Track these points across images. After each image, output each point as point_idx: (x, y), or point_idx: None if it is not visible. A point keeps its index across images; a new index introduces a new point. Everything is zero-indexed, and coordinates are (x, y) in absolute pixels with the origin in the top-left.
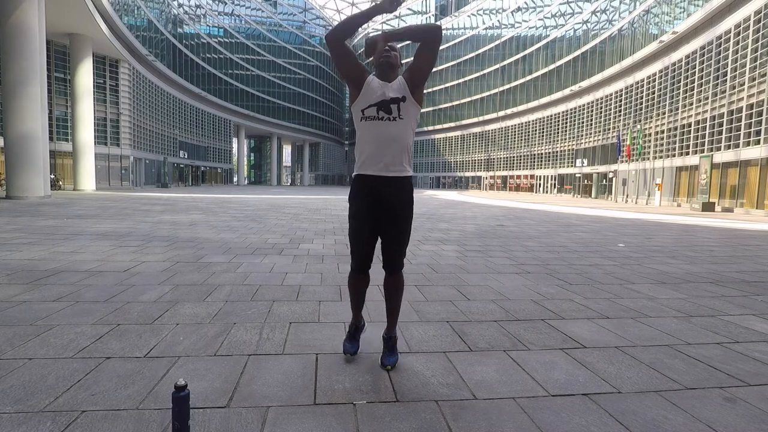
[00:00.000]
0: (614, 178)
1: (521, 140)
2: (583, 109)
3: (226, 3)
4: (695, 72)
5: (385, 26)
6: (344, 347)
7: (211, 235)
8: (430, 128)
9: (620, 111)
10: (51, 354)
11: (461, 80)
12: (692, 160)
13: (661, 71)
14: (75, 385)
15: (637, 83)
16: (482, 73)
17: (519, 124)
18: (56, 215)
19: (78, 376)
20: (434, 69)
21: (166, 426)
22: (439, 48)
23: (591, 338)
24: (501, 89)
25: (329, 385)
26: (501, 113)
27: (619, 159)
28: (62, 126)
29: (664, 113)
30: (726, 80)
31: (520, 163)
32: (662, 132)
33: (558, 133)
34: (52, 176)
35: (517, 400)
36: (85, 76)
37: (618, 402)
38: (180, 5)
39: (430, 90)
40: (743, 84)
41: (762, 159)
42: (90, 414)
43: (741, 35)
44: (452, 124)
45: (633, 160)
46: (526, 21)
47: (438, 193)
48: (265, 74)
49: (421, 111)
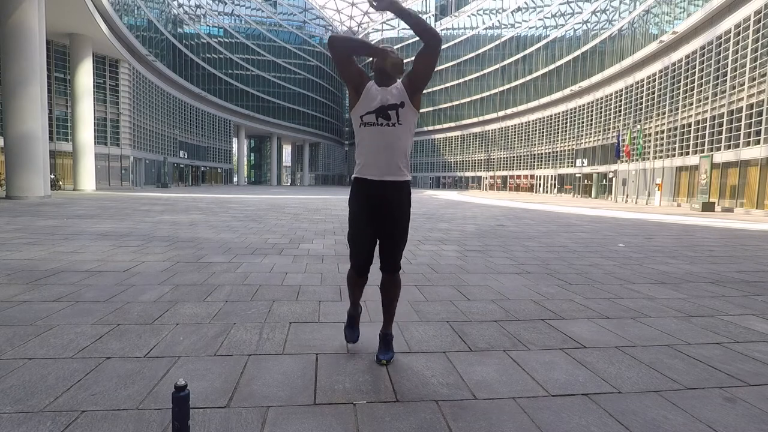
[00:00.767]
0: (614, 178)
1: (521, 140)
2: (583, 109)
3: (226, 3)
4: (695, 72)
5: (385, 26)
6: (345, 335)
7: (211, 235)
8: (430, 128)
9: (620, 111)
10: (51, 354)
11: (461, 80)
12: (692, 160)
13: (661, 71)
14: (75, 385)
15: (637, 83)
16: (482, 73)
17: (519, 124)
18: (56, 215)
19: (78, 376)
20: (434, 69)
21: (166, 426)
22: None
23: (591, 338)
24: (501, 89)
25: (329, 385)
26: (501, 113)
27: (618, 160)
28: (62, 126)
29: (664, 113)
30: (726, 80)
31: (520, 163)
32: (662, 132)
33: (558, 133)
34: (52, 176)
35: (517, 400)
36: (85, 76)
37: (618, 402)
38: (180, 5)
39: (430, 90)
40: (743, 84)
41: (762, 159)
42: (90, 414)
43: (741, 35)
44: (452, 124)
45: (633, 160)
46: (526, 21)
47: (438, 193)
48: (265, 74)
49: (421, 111)
